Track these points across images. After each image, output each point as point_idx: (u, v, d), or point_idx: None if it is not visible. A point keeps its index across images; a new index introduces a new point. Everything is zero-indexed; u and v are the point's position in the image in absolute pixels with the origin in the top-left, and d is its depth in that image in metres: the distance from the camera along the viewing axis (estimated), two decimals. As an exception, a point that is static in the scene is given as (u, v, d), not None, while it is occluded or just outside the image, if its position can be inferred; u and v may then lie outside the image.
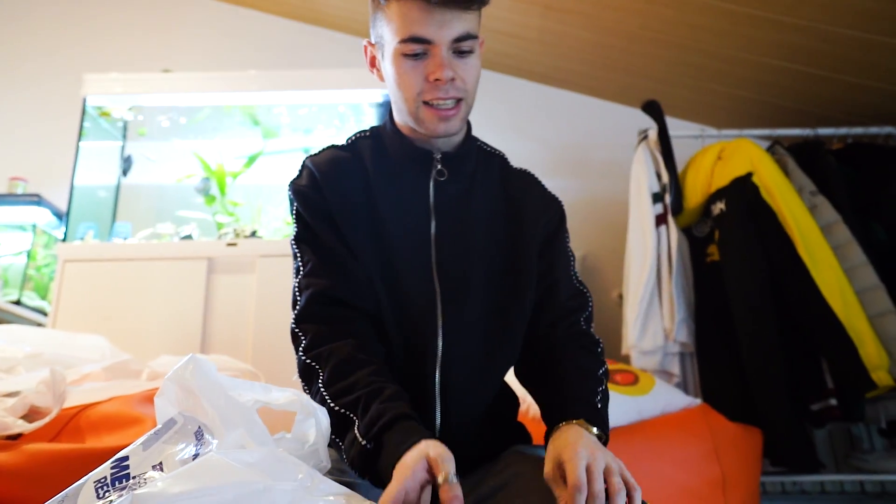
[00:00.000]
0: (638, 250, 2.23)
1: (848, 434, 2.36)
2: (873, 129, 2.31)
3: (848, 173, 2.13)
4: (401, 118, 0.99)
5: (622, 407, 1.58)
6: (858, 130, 2.31)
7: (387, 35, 0.93)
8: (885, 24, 2.07)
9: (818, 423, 1.83)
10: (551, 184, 3.48)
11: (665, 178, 2.26)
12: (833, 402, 1.77)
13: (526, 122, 3.16)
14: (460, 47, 0.90)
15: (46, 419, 1.17)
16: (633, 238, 2.28)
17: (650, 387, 1.68)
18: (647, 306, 2.14)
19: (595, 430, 0.83)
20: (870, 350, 1.71)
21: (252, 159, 2.78)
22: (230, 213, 2.68)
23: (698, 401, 1.73)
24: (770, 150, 2.23)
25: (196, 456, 0.65)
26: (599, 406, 0.90)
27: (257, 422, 0.71)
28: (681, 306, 2.10)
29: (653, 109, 2.29)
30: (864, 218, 2.02)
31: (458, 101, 0.93)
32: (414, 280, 0.95)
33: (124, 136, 2.88)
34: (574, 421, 0.83)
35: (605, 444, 0.85)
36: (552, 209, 1.05)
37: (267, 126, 2.84)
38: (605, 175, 3.00)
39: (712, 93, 2.83)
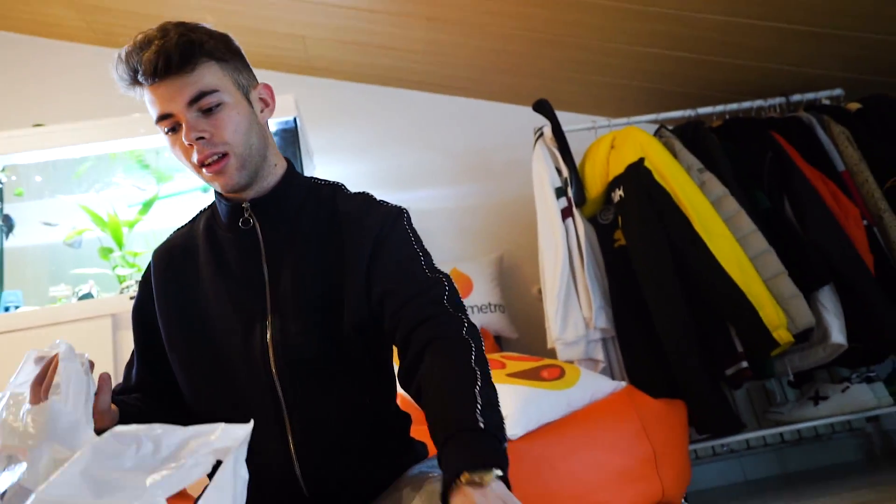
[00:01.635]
0: (549, 245, 2.28)
1: (763, 389, 2.51)
2: (746, 104, 2.47)
3: (729, 148, 2.26)
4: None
5: (552, 402, 1.61)
6: (733, 106, 2.47)
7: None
8: (739, 7, 2.23)
9: (735, 385, 1.93)
10: (458, 190, 3.50)
11: (565, 172, 2.33)
12: (744, 364, 1.87)
13: (425, 133, 3.19)
14: (200, 106, 0.93)
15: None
16: (543, 234, 2.33)
17: (576, 378, 1.72)
18: (564, 298, 2.19)
19: (481, 473, 0.72)
20: (769, 311, 1.82)
21: (147, 205, 2.66)
22: (131, 264, 2.55)
23: (623, 384, 1.79)
24: (657, 134, 2.34)
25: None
26: (482, 420, 0.78)
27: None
28: (596, 294, 2.17)
29: (543, 108, 2.36)
30: (748, 188, 2.15)
31: (223, 155, 0.95)
32: (242, 337, 0.97)
33: (0, 199, 2.69)
34: (457, 479, 0.72)
35: (499, 449, 0.77)
36: (379, 218, 1.02)
37: (159, 169, 2.72)
38: (509, 176, 3.06)
39: (598, 84, 2.95)
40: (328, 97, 3.18)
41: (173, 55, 0.90)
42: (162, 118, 0.94)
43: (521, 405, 1.54)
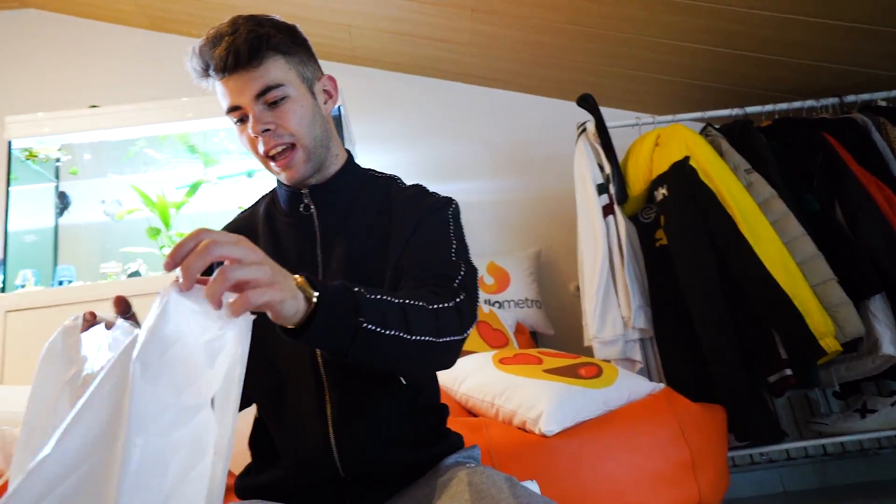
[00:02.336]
0: (589, 242, 2.26)
1: (806, 399, 2.45)
2: (796, 104, 2.40)
3: (777, 148, 2.20)
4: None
5: (589, 400, 1.60)
6: (783, 106, 2.40)
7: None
8: (791, 4, 2.16)
9: (777, 392, 1.89)
10: (498, 183, 3.50)
11: (607, 168, 2.30)
12: (788, 371, 1.83)
13: (466, 125, 3.18)
14: (267, 99, 0.97)
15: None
16: (582, 231, 2.31)
17: (614, 377, 1.70)
18: (603, 296, 2.17)
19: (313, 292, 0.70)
20: (816, 319, 1.77)
21: (194, 188, 2.73)
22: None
23: (662, 385, 1.76)
24: (703, 132, 2.30)
25: None
26: (364, 292, 0.76)
27: None
28: (636, 293, 2.14)
29: (587, 103, 2.33)
30: (797, 190, 2.09)
31: (291, 146, 1.00)
32: None
33: (57, 177, 2.78)
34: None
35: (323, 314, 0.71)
36: (426, 204, 1.05)
37: (206, 153, 2.78)
38: (549, 170, 3.04)
39: (644, 80, 2.90)
40: (371, 86, 3.19)
41: (242, 51, 0.94)
42: (231, 109, 0.98)
43: (557, 401, 1.54)
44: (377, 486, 0.96)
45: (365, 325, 0.75)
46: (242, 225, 1.14)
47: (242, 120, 0.99)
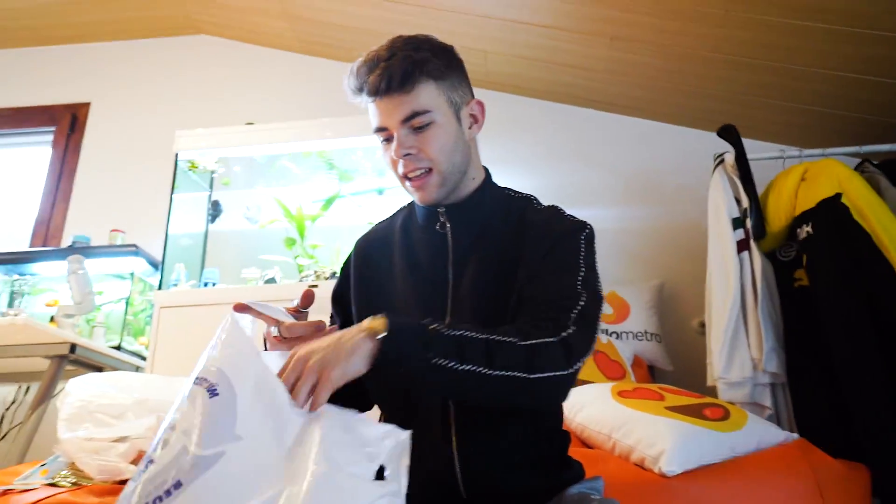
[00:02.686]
0: (720, 278, 2.16)
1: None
2: (971, 141, 2.18)
3: (947, 189, 2.00)
4: None
5: (715, 443, 1.52)
6: (954, 141, 2.18)
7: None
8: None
9: (932, 458, 1.70)
10: (623, 211, 3.44)
11: (745, 202, 2.19)
12: (947, 435, 1.64)
13: (595, 151, 3.15)
14: (413, 125, 1.00)
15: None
16: (714, 265, 2.21)
17: (743, 422, 1.61)
18: (732, 335, 2.06)
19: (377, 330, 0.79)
20: None
21: (329, 202, 2.90)
22: (310, 255, 2.79)
23: (795, 435, 1.64)
24: (859, 168, 2.13)
25: None
26: (441, 328, 0.82)
27: None
28: (769, 334, 2.02)
29: (729, 133, 2.24)
30: (970, 235, 1.89)
31: (428, 170, 1.02)
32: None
33: (211, 187, 3.07)
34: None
35: (394, 355, 0.78)
36: (561, 227, 1.04)
37: (343, 169, 2.95)
38: (679, 201, 2.94)
39: (790, 111, 2.74)
40: (502, 111, 3.25)
41: (395, 77, 0.98)
42: (378, 129, 1.03)
43: (680, 441, 1.47)
44: None
45: (435, 360, 0.78)
46: (379, 236, 1.18)
47: (388, 140, 1.03)
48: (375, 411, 1.15)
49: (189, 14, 3.52)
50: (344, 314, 1.15)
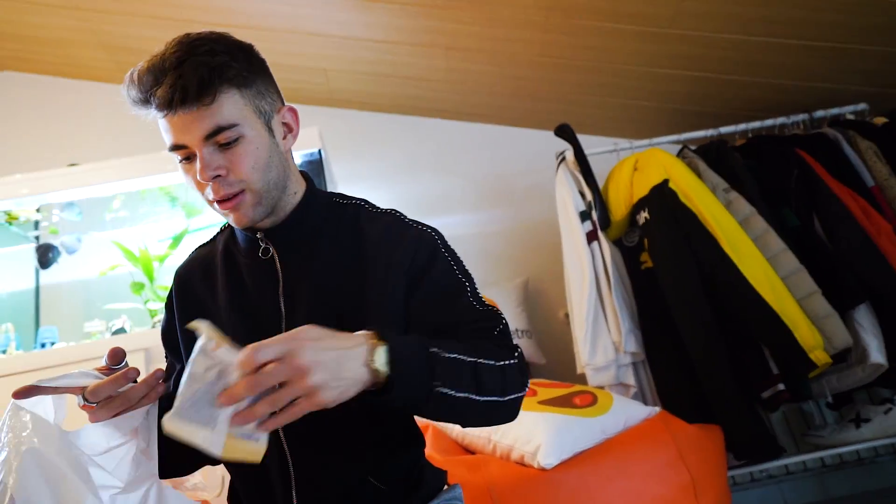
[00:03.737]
0: (575, 269, 2.27)
1: (800, 412, 2.45)
2: (768, 122, 2.46)
3: (753, 166, 2.24)
4: None
5: (586, 429, 1.59)
6: (756, 124, 2.45)
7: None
8: (757, 26, 2.23)
9: (771, 408, 1.89)
10: (481, 216, 3.51)
11: (589, 195, 2.32)
12: (781, 386, 1.84)
13: (447, 160, 3.21)
14: (218, 141, 0.86)
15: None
16: (568, 258, 2.33)
17: (609, 404, 1.70)
18: (593, 322, 2.17)
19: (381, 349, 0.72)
20: (804, 332, 1.78)
21: (177, 239, 2.71)
22: (162, 298, 2.59)
23: (657, 409, 1.76)
24: (680, 154, 2.34)
25: None
26: (440, 351, 0.77)
27: None
28: (625, 317, 2.15)
29: (565, 132, 2.37)
30: (775, 206, 2.13)
31: (239, 192, 0.89)
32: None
33: (37, 238, 2.76)
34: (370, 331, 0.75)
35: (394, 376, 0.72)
36: (411, 249, 0.95)
37: (188, 203, 2.78)
38: (532, 200, 3.07)
39: (619, 107, 2.95)
40: (351, 127, 3.23)
41: (190, 88, 0.83)
42: (176, 148, 0.88)
43: (554, 433, 1.53)
44: None
45: (439, 388, 0.75)
46: (200, 264, 1.04)
47: (189, 158, 0.89)
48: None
49: (-14, 49, 3.15)
50: (172, 351, 1.04)
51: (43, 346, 2.40)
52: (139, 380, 0.81)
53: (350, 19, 2.58)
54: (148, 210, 2.78)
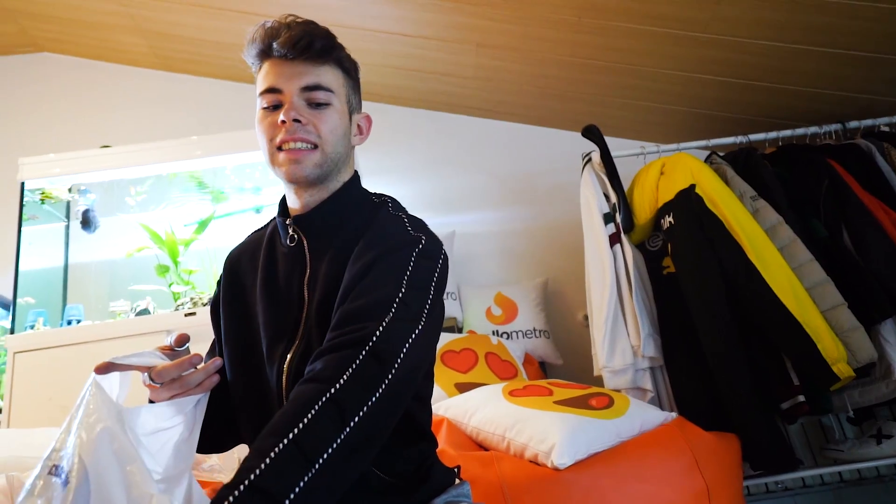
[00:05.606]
0: (596, 271, 2.26)
1: (820, 425, 2.42)
2: (800, 130, 2.42)
3: (782, 175, 2.21)
4: (272, 172, 1.01)
5: (601, 431, 1.58)
6: (787, 133, 2.42)
7: (257, 99, 1.00)
8: (792, 33, 2.20)
9: (790, 419, 1.87)
10: (504, 214, 3.52)
11: (613, 197, 2.31)
12: (801, 398, 1.81)
13: (472, 156, 3.22)
14: (311, 97, 0.95)
15: (9, 530, 1.11)
16: (590, 260, 2.32)
17: (626, 407, 1.69)
18: (612, 325, 2.16)
19: None
20: (827, 344, 1.76)
21: (203, 224, 2.75)
22: (186, 281, 2.64)
23: (674, 414, 1.74)
24: (708, 160, 2.31)
25: None
26: (239, 490, 0.66)
27: None
28: (644, 321, 2.14)
29: (592, 133, 2.35)
30: (803, 216, 2.10)
31: (314, 147, 0.96)
32: (268, 355, 0.96)
33: (67, 216, 2.82)
34: None
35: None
36: (390, 240, 0.94)
37: (215, 189, 2.82)
38: (555, 200, 3.06)
39: (647, 110, 2.93)
40: (378, 120, 3.21)
41: (317, 42, 0.94)
42: (270, 91, 0.95)
43: (569, 433, 1.52)
44: None
45: (287, 498, 0.66)
46: (248, 248, 1.10)
47: (275, 107, 0.96)
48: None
49: (26, 30, 3.22)
50: (217, 326, 1.08)
51: (69, 322, 2.46)
52: (199, 367, 0.87)
53: (382, 13, 2.60)
54: (176, 194, 2.82)
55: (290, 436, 0.70)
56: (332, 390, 0.74)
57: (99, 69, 3.35)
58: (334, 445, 0.71)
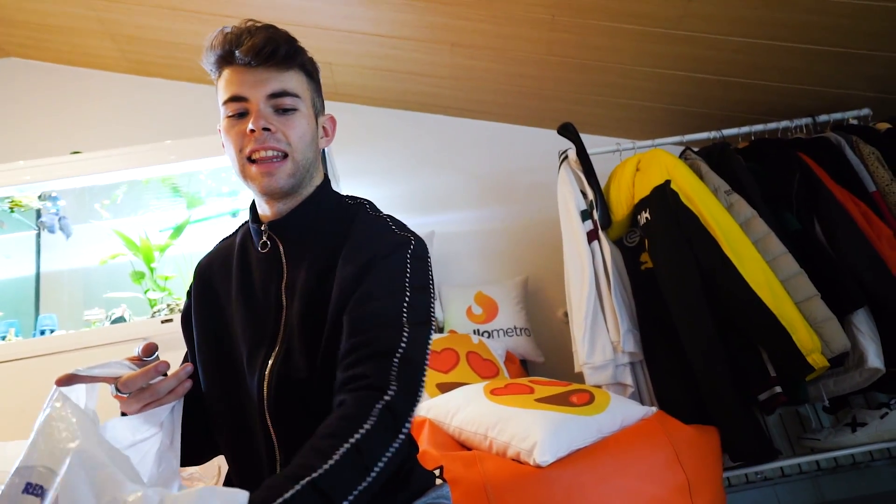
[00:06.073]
0: (575, 268, 2.27)
1: (797, 415, 2.45)
2: (772, 125, 2.46)
3: (755, 169, 2.24)
4: (243, 184, 1.01)
5: (582, 428, 1.59)
6: (759, 127, 2.45)
7: (220, 107, 0.98)
8: (764, 29, 2.23)
9: (768, 410, 1.89)
10: (483, 213, 3.51)
11: (590, 194, 2.32)
12: (778, 389, 1.84)
13: (450, 156, 3.22)
14: (279, 104, 0.94)
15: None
16: (568, 257, 2.33)
17: (606, 403, 1.70)
18: (591, 322, 2.18)
19: None
20: (802, 336, 1.78)
21: (179, 230, 2.72)
22: (162, 287, 2.60)
23: (654, 409, 1.76)
24: (682, 155, 2.33)
25: None
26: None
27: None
28: (624, 317, 2.15)
29: (568, 131, 2.37)
30: (776, 209, 2.13)
31: (284, 155, 0.95)
32: (248, 363, 0.95)
33: (38, 225, 2.76)
34: None
35: None
36: (379, 244, 0.95)
37: (190, 194, 2.78)
38: (534, 199, 3.07)
39: (622, 107, 2.95)
40: (354, 122, 3.22)
41: (281, 48, 0.93)
42: (235, 99, 0.94)
43: (550, 431, 1.53)
44: None
45: None
46: (219, 256, 1.09)
47: (240, 115, 0.94)
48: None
49: (-7, 35, 3.15)
50: (189, 338, 1.07)
51: (42, 332, 2.41)
52: (170, 373, 0.86)
53: (356, 14, 2.58)
54: (149, 200, 2.78)
55: (352, 440, 0.75)
56: (386, 398, 0.79)
57: (68, 74, 3.29)
58: (388, 453, 0.77)
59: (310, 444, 0.76)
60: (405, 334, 0.86)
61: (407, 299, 0.90)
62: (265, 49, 0.92)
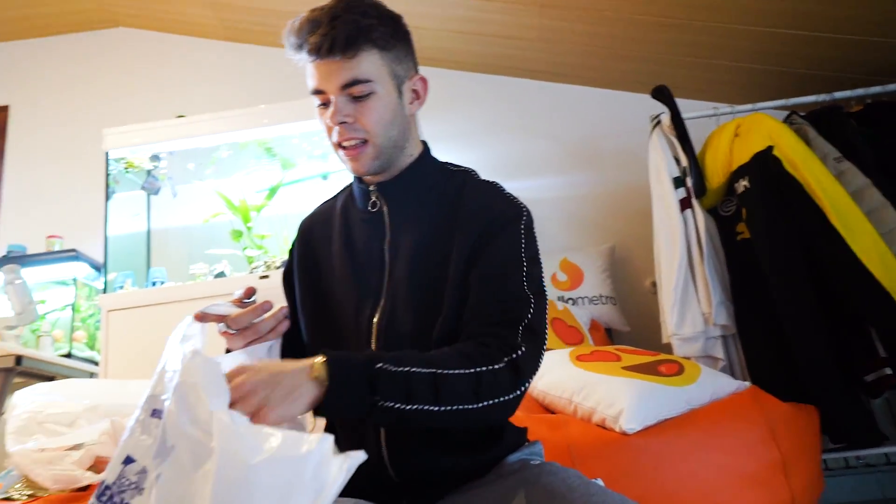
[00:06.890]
0: (666, 237, 2.21)
1: (905, 399, 2.31)
2: (891, 87, 2.26)
3: (871, 135, 2.09)
4: None
5: (671, 398, 1.56)
6: (876, 89, 2.27)
7: None
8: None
9: (874, 393, 1.79)
10: (569, 179, 3.46)
11: (684, 161, 2.24)
12: (888, 370, 1.73)
13: (535, 121, 3.17)
14: (352, 93, 0.96)
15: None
16: (659, 225, 2.26)
17: (696, 375, 1.66)
18: (682, 292, 2.12)
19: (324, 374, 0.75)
20: (917, 314, 1.67)
21: (273, 191, 2.83)
22: (259, 246, 2.73)
23: (747, 384, 1.70)
24: (787, 120, 2.20)
25: None
26: (388, 366, 0.79)
27: None
28: (716, 289, 2.08)
29: (662, 94, 2.28)
30: (894, 179, 1.98)
31: (363, 141, 0.98)
32: (353, 318, 1.00)
33: (145, 186, 2.95)
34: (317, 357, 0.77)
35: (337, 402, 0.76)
36: (495, 212, 0.99)
37: (284, 157, 2.88)
38: (621, 164, 2.99)
39: (720, 69, 2.80)
40: (438, 86, 3.17)
41: (338, 40, 0.93)
42: (315, 92, 0.98)
43: (637, 399, 1.51)
44: (432, 488, 0.94)
45: (381, 402, 0.77)
46: (321, 217, 1.14)
47: (325, 104, 0.98)
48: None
49: (104, 6, 3.34)
50: (291, 294, 1.11)
51: (153, 284, 2.60)
52: (268, 314, 0.91)
53: (444, -25, 2.56)
54: (247, 162, 2.91)
55: (479, 369, 0.82)
56: (514, 355, 0.85)
57: (171, 41, 3.45)
58: (500, 398, 0.83)
59: (445, 349, 0.85)
60: (530, 306, 0.91)
61: (525, 272, 0.94)
62: (324, 45, 0.93)
